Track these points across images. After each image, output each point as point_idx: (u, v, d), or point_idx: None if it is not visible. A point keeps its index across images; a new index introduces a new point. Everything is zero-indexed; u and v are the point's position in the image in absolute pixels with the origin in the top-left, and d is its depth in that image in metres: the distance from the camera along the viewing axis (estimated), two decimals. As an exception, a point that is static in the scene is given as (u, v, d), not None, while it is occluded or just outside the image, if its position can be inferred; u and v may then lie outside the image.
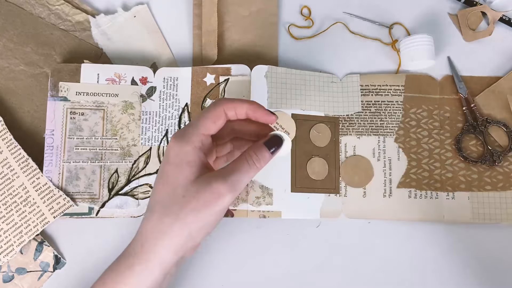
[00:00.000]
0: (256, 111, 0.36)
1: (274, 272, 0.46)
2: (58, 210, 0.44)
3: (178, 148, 0.34)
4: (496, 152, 0.48)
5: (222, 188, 0.32)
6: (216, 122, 0.35)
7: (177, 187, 0.33)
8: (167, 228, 0.33)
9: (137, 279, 0.34)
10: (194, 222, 0.33)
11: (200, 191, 0.32)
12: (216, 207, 0.32)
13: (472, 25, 0.52)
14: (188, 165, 0.33)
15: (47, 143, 0.46)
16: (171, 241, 0.33)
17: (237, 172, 0.33)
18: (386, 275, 0.47)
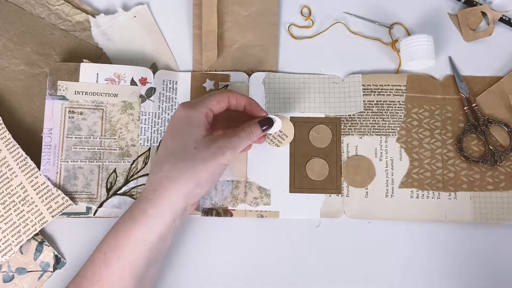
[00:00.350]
0: (252, 105, 0.43)
1: (274, 272, 0.46)
2: (57, 210, 0.44)
3: (188, 112, 0.40)
4: (498, 152, 0.47)
5: (227, 145, 0.39)
6: (220, 103, 0.41)
7: (189, 140, 0.39)
8: (179, 174, 0.38)
9: (149, 222, 0.37)
10: (203, 170, 0.38)
11: (209, 145, 0.39)
12: (220, 159, 0.39)
13: (472, 25, 0.52)
14: (198, 125, 0.39)
15: (45, 142, 0.46)
16: (183, 185, 0.38)
17: (237, 136, 0.40)
18: (387, 275, 0.46)
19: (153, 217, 0.37)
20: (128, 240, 0.37)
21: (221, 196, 0.47)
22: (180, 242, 0.46)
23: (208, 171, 0.38)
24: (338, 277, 0.46)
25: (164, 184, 0.38)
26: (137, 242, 0.37)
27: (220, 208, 0.46)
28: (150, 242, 0.37)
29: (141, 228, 0.37)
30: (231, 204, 0.47)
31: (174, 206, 0.38)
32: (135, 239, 0.37)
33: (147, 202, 0.38)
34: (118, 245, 0.37)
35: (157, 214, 0.37)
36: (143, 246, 0.37)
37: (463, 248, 0.46)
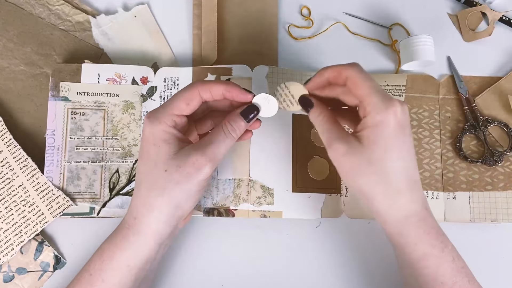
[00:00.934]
0: (231, 91, 0.37)
1: (274, 272, 0.46)
2: (58, 210, 0.44)
3: (152, 128, 0.35)
4: (497, 152, 0.48)
5: (201, 160, 0.34)
6: (190, 104, 0.36)
7: (158, 163, 0.35)
8: (155, 201, 0.35)
9: (132, 249, 0.36)
10: (179, 193, 0.35)
11: (181, 165, 0.34)
12: (197, 178, 0.35)
13: (472, 26, 0.52)
14: (165, 142, 0.35)
15: (48, 143, 0.46)
16: (161, 213, 0.35)
17: (214, 143, 0.35)
18: (387, 275, 0.46)
19: (135, 244, 0.36)
20: (111, 265, 0.36)
21: (222, 195, 0.47)
22: (180, 243, 0.46)
23: (185, 193, 0.35)
24: (338, 277, 0.46)
25: (142, 211, 0.36)
26: (121, 267, 0.36)
27: (222, 208, 0.46)
28: (135, 267, 0.37)
29: (123, 253, 0.36)
30: (233, 203, 0.46)
31: (155, 232, 0.36)
32: (119, 264, 0.36)
33: (128, 229, 0.37)
34: (102, 268, 0.36)
35: (139, 241, 0.36)
36: (127, 271, 0.36)
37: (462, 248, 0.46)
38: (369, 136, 0.34)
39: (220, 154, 0.35)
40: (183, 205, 0.36)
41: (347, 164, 0.35)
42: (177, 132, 0.36)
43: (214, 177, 0.47)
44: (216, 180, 0.47)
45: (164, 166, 0.35)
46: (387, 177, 0.34)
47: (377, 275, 0.46)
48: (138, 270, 0.37)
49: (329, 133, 0.36)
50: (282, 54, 0.51)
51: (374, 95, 0.34)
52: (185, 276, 0.46)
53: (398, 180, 0.35)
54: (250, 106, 0.37)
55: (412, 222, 0.35)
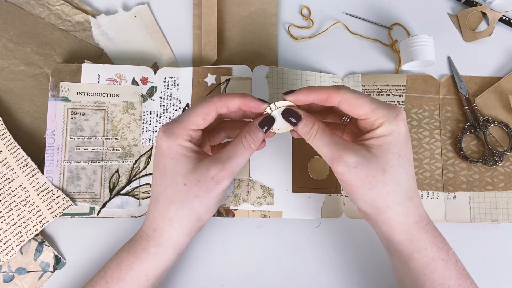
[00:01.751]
0: (249, 103, 0.36)
1: (274, 272, 0.46)
2: (58, 210, 0.44)
3: (169, 142, 0.35)
4: (497, 152, 0.48)
5: (220, 174, 0.34)
6: (206, 119, 0.36)
7: (176, 177, 0.35)
8: (175, 215, 0.35)
9: (152, 260, 0.36)
10: (199, 207, 0.35)
11: (201, 179, 0.35)
12: (216, 191, 0.35)
13: (472, 26, 0.52)
14: (183, 156, 0.35)
15: (48, 143, 0.46)
16: (182, 226, 0.36)
17: (233, 156, 0.35)
18: (387, 275, 0.46)
19: (155, 255, 0.36)
20: (130, 275, 0.37)
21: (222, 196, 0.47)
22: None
23: (205, 206, 0.35)
24: (338, 277, 0.46)
25: (162, 225, 0.36)
26: (140, 278, 0.37)
27: (222, 208, 0.46)
28: (153, 277, 0.37)
29: (143, 264, 0.36)
30: (233, 203, 0.46)
31: (176, 244, 0.37)
32: (137, 275, 0.37)
33: (148, 241, 0.37)
34: (120, 277, 0.37)
35: (159, 253, 0.37)
36: (145, 281, 0.37)
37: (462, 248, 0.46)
38: (381, 145, 0.34)
39: (238, 167, 0.35)
40: (203, 217, 0.36)
41: (360, 176, 0.33)
42: (194, 146, 0.36)
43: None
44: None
45: (183, 180, 0.35)
46: (401, 185, 0.34)
47: (377, 275, 0.46)
48: (155, 279, 0.37)
49: (333, 145, 0.34)
50: (282, 54, 0.51)
51: (379, 109, 0.34)
52: (185, 276, 0.46)
53: (410, 187, 0.35)
54: (268, 117, 0.37)
55: (421, 227, 0.36)
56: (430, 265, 0.35)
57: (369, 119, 0.34)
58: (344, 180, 0.35)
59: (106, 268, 0.38)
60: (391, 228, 0.35)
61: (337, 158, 0.34)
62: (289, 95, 0.36)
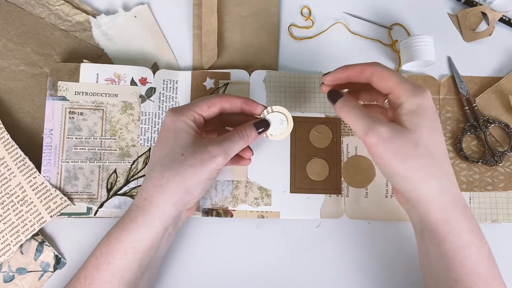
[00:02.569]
0: (249, 104, 0.41)
1: (274, 272, 0.46)
2: (55, 210, 0.44)
3: (175, 118, 0.39)
4: (497, 152, 0.48)
5: (216, 150, 0.37)
6: (211, 108, 0.40)
7: (176, 148, 0.38)
8: (167, 182, 0.37)
9: (139, 230, 0.37)
10: (191, 177, 0.37)
11: (197, 151, 0.37)
12: (210, 166, 0.37)
13: (472, 26, 0.52)
14: (185, 131, 0.38)
15: (46, 142, 0.46)
16: (171, 194, 0.37)
17: (229, 140, 0.38)
18: (387, 275, 0.46)
19: (142, 225, 0.37)
20: (117, 247, 0.37)
21: (221, 196, 0.47)
22: (180, 243, 0.46)
23: (197, 177, 0.37)
24: (338, 277, 0.46)
25: (152, 193, 0.37)
26: (127, 250, 0.37)
27: (221, 209, 0.46)
28: (140, 250, 0.37)
29: (130, 235, 0.37)
30: (231, 204, 0.46)
31: (163, 214, 0.37)
32: (125, 246, 0.37)
33: (137, 211, 0.38)
34: (108, 251, 0.37)
35: (146, 222, 0.37)
36: (133, 254, 0.37)
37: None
38: (412, 120, 0.34)
39: (233, 150, 0.38)
40: (192, 190, 0.38)
41: (393, 148, 0.34)
42: (196, 127, 0.39)
43: (213, 177, 0.47)
44: (215, 181, 0.47)
45: (181, 151, 0.37)
46: (435, 159, 0.34)
47: (377, 275, 0.46)
48: (143, 254, 0.38)
49: (368, 119, 0.35)
50: (282, 54, 0.51)
51: (406, 83, 0.35)
52: (184, 275, 0.46)
53: (444, 163, 0.35)
54: (262, 120, 0.41)
55: (458, 208, 0.35)
56: (464, 250, 0.35)
57: (395, 92, 0.36)
58: (376, 153, 0.35)
59: (97, 246, 0.39)
60: (427, 204, 0.35)
61: (371, 129, 0.34)
62: (327, 74, 0.39)
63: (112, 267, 0.37)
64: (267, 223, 0.47)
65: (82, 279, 0.38)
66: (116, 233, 0.38)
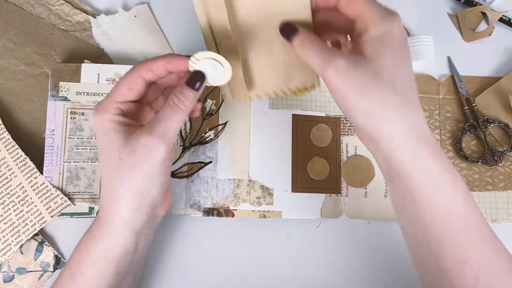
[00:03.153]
0: (171, 61, 0.34)
1: (274, 272, 0.46)
2: (56, 210, 0.44)
3: (99, 118, 0.35)
4: (497, 152, 0.48)
5: (150, 140, 0.33)
6: (133, 88, 0.34)
7: (111, 153, 0.34)
8: (117, 190, 0.34)
9: (106, 240, 0.35)
10: (136, 178, 0.34)
11: (133, 149, 0.33)
12: (152, 158, 0.33)
13: (472, 26, 0.52)
14: (114, 131, 0.34)
15: (48, 143, 0.46)
16: (126, 201, 0.34)
17: (162, 120, 0.33)
18: (387, 275, 0.46)
19: (107, 234, 0.35)
20: (88, 256, 0.36)
21: (222, 196, 0.47)
22: (180, 243, 0.46)
23: (144, 177, 0.34)
24: (338, 277, 0.46)
25: (108, 202, 0.35)
26: (98, 260, 0.36)
27: (222, 208, 0.46)
28: (114, 258, 0.36)
29: (98, 245, 0.36)
30: (232, 203, 0.46)
31: (127, 221, 0.35)
32: (96, 256, 0.36)
33: (99, 221, 0.36)
34: (80, 260, 0.36)
35: (111, 232, 0.35)
36: (105, 263, 0.35)
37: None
38: (375, 48, 0.31)
39: (170, 129, 0.33)
40: (147, 191, 0.35)
41: (351, 80, 0.30)
42: (126, 119, 0.35)
43: (214, 177, 0.47)
44: (216, 180, 0.47)
45: (117, 155, 0.34)
46: (398, 90, 0.30)
47: (377, 275, 0.46)
48: (117, 262, 0.36)
49: (324, 52, 0.31)
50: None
51: (376, 8, 0.31)
52: (185, 275, 0.46)
53: (408, 95, 0.31)
54: (194, 73, 0.34)
55: (425, 144, 0.31)
56: (434, 188, 0.31)
57: (362, 16, 0.31)
58: (335, 87, 0.31)
59: (71, 255, 0.37)
60: (390, 142, 0.31)
61: (327, 61, 0.30)
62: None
63: (86, 276, 0.36)
64: (268, 223, 0.47)
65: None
66: (85, 243, 0.36)
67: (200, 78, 0.34)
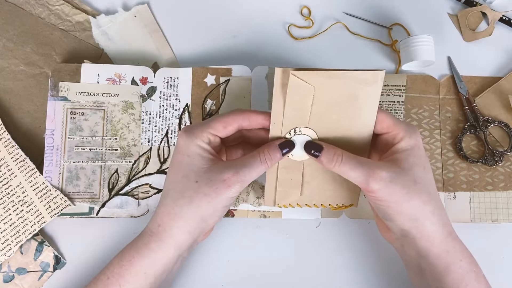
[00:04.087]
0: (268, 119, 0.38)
1: (274, 272, 0.46)
2: (56, 210, 0.44)
3: (188, 141, 0.36)
4: (497, 152, 0.48)
5: (233, 178, 0.35)
6: (227, 128, 0.37)
7: (190, 174, 0.36)
8: (181, 211, 0.36)
9: (152, 256, 0.36)
10: (206, 207, 0.35)
11: (213, 179, 0.35)
12: (226, 195, 0.35)
13: (472, 25, 0.52)
14: (199, 155, 0.36)
15: (47, 143, 0.46)
16: (185, 223, 0.36)
17: (248, 166, 0.36)
18: (387, 275, 0.46)
19: (155, 251, 0.36)
20: (129, 271, 0.36)
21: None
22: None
23: (212, 207, 0.35)
24: (338, 277, 0.46)
25: (166, 220, 0.36)
26: (138, 274, 0.36)
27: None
28: (153, 275, 0.37)
29: (143, 260, 0.36)
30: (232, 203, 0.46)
31: (177, 242, 0.36)
32: (137, 271, 0.36)
33: (151, 236, 0.37)
34: (120, 273, 0.37)
35: (160, 249, 0.36)
36: (144, 279, 0.36)
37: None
38: (407, 159, 0.35)
39: (251, 178, 0.36)
40: (208, 218, 0.36)
41: (396, 190, 0.34)
42: (211, 149, 0.37)
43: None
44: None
45: (195, 177, 0.35)
46: (432, 195, 0.36)
47: (377, 275, 0.46)
48: (154, 279, 0.37)
49: (363, 166, 0.35)
50: (282, 54, 0.51)
51: (401, 123, 0.36)
52: (184, 275, 0.46)
53: (438, 197, 0.37)
54: (288, 141, 0.38)
55: (454, 237, 0.37)
56: (465, 278, 0.36)
57: (391, 132, 0.37)
58: (381, 197, 0.35)
59: (109, 264, 0.38)
60: (429, 240, 0.36)
61: (371, 176, 0.34)
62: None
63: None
64: (268, 223, 0.47)
65: None
66: (129, 255, 0.37)
67: (290, 146, 0.37)
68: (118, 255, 0.38)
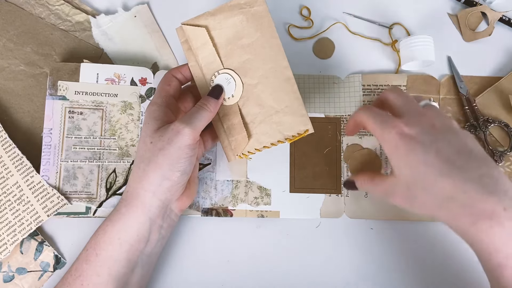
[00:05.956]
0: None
1: (274, 272, 0.46)
2: (52, 209, 0.44)
3: (148, 109, 0.40)
4: (497, 152, 0.47)
5: (178, 125, 0.37)
6: (170, 84, 0.41)
7: (146, 138, 0.39)
8: (143, 172, 0.38)
9: (122, 220, 0.38)
10: (163, 160, 0.37)
11: (163, 134, 0.38)
12: (178, 142, 0.37)
13: (472, 25, 0.52)
14: (153, 119, 0.39)
15: (45, 142, 0.46)
16: (148, 183, 0.38)
17: (191, 113, 0.38)
18: (387, 275, 0.46)
19: (125, 215, 0.38)
20: (103, 238, 0.38)
21: (221, 196, 0.47)
22: (179, 242, 0.46)
23: (168, 158, 0.37)
24: (338, 277, 0.46)
25: (132, 184, 0.39)
26: (113, 240, 0.38)
27: (220, 208, 0.46)
28: (127, 242, 0.38)
29: (114, 226, 0.38)
30: (231, 204, 0.46)
31: (145, 204, 0.38)
32: (110, 237, 0.38)
33: (121, 203, 0.39)
34: (96, 242, 0.38)
35: (129, 212, 0.38)
36: (119, 245, 0.38)
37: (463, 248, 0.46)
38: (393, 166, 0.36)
39: (196, 119, 0.38)
40: (168, 174, 0.38)
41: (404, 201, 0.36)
42: (167, 110, 0.40)
43: (213, 178, 0.47)
44: (215, 181, 0.47)
45: (150, 139, 0.38)
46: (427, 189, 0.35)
47: (377, 275, 0.46)
48: (130, 246, 0.38)
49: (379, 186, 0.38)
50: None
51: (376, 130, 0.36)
52: (184, 275, 0.45)
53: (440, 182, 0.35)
54: (215, 87, 0.41)
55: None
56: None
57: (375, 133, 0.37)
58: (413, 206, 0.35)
59: (89, 240, 0.40)
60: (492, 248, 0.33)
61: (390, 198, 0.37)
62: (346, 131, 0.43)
63: (100, 258, 0.38)
64: (267, 222, 0.47)
65: (73, 271, 0.39)
66: (103, 225, 0.39)
67: (219, 90, 0.40)
68: (95, 230, 0.40)
